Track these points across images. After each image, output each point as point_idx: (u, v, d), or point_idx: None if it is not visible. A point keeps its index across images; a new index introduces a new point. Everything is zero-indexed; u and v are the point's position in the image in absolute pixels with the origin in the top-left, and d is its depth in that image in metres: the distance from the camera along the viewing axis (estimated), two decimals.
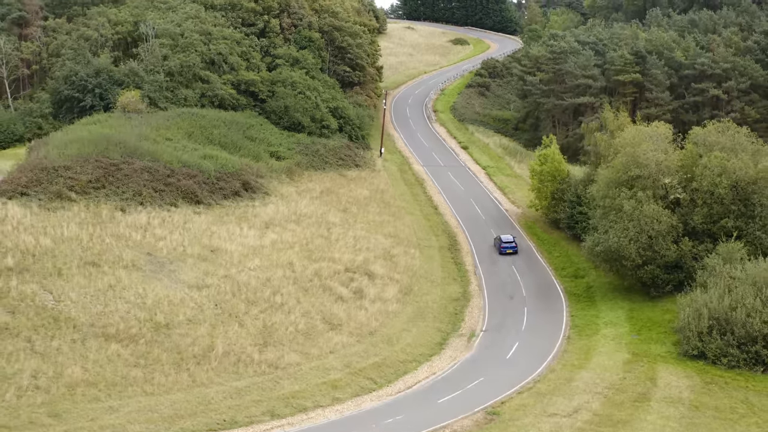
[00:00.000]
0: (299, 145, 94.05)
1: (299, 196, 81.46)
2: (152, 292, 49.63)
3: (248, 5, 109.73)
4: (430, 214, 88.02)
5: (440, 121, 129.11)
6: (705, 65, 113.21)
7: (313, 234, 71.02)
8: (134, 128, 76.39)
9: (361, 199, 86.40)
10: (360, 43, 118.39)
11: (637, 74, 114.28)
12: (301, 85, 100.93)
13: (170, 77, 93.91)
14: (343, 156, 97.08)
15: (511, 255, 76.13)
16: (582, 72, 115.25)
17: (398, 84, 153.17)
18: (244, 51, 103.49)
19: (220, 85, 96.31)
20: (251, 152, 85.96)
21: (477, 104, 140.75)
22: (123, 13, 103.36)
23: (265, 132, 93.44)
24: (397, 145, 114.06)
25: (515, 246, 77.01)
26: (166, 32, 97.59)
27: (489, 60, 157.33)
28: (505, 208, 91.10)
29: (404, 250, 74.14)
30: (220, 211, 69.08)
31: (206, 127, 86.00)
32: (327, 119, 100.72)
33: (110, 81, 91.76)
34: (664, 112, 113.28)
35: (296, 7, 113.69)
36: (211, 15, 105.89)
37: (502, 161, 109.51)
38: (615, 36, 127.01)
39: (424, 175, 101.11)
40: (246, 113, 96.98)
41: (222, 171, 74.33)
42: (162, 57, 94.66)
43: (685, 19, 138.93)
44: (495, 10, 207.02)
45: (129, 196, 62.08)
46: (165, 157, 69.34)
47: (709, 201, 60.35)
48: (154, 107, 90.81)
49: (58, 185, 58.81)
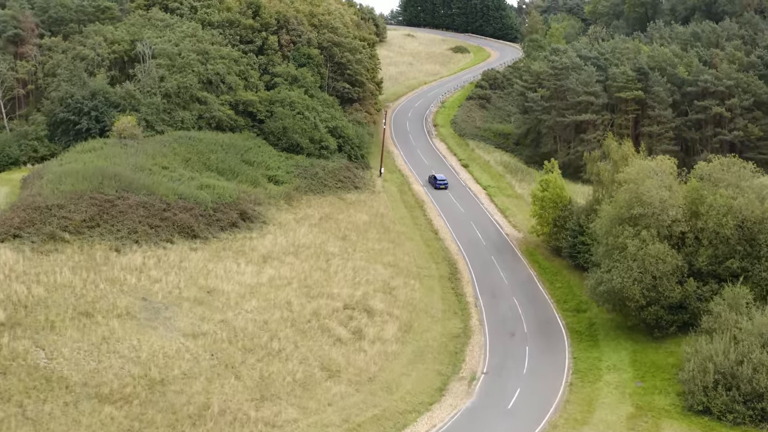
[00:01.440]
0: (298, 168, 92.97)
1: (297, 224, 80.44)
2: (147, 343, 48.63)
3: (246, 22, 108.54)
4: (430, 239, 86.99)
5: (440, 136, 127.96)
6: (708, 82, 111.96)
7: (311, 267, 70.03)
8: (130, 157, 75.31)
9: (361, 225, 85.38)
10: (359, 59, 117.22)
11: (639, 91, 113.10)
12: (299, 104, 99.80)
13: (167, 99, 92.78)
14: (342, 178, 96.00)
15: (443, 190, 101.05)
16: (584, 89, 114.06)
17: (398, 96, 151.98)
18: (242, 70, 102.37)
19: (218, 106, 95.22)
20: (249, 177, 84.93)
21: (477, 117, 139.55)
22: (119, 32, 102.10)
23: (263, 155, 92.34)
24: (396, 162, 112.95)
25: (447, 183, 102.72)
26: (163, 52, 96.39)
27: (489, 71, 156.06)
28: (506, 232, 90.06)
29: (404, 282, 73.19)
30: (217, 245, 68.05)
31: (203, 152, 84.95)
32: (326, 140, 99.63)
33: (106, 103, 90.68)
34: (666, 130, 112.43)
35: (295, 23, 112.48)
36: (209, 33, 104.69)
37: (503, 180, 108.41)
38: (617, 50, 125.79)
39: (424, 196, 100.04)
40: (244, 135, 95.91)
41: (219, 201, 73.28)
42: (159, 78, 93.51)
43: (687, 32, 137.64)
44: (495, 17, 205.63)
45: (124, 234, 61.03)
46: (161, 190, 68.25)
47: (714, 241, 59.35)
48: (150, 130, 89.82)
49: (51, 226, 57.77)
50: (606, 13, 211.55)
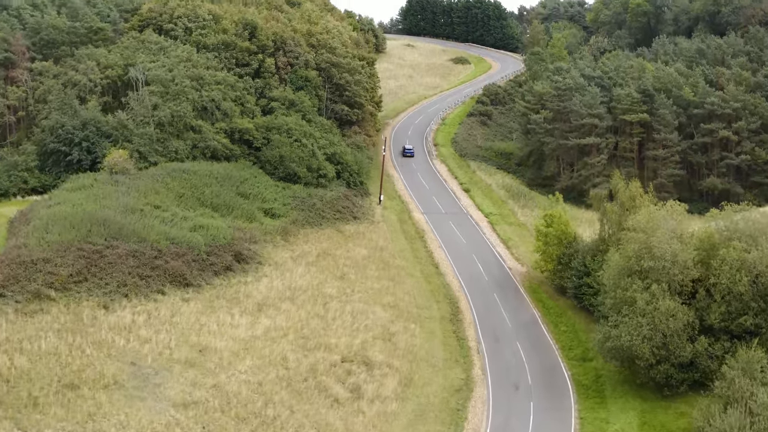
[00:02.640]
0: (295, 199, 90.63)
1: (294, 262, 78.12)
2: (135, 418, 46.32)
3: (242, 45, 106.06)
4: (431, 274, 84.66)
5: (441, 156, 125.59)
6: (715, 105, 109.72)
7: (308, 314, 67.75)
8: (121, 197, 72.98)
9: (360, 261, 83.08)
10: (358, 80, 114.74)
11: (645, 114, 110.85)
12: (297, 131, 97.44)
13: (160, 128, 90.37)
14: (340, 208, 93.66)
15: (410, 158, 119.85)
16: (588, 111, 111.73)
17: (398, 111, 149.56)
18: (238, 95, 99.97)
19: (213, 135, 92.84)
20: (244, 212, 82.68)
21: (479, 135, 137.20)
22: (113, 56, 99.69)
23: (260, 186, 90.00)
24: (396, 187, 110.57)
25: (413, 151, 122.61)
26: (157, 78, 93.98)
27: (491, 86, 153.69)
28: (509, 265, 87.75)
29: (404, 326, 70.87)
30: (211, 293, 65.74)
31: (197, 186, 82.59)
32: (324, 167, 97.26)
33: (98, 133, 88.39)
34: (672, 154, 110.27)
35: (292, 44, 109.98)
36: (204, 57, 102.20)
37: (505, 206, 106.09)
38: (621, 69, 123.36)
39: (424, 225, 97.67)
40: (240, 164, 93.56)
41: (213, 244, 70.97)
42: (152, 106, 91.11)
43: (692, 49, 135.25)
44: (496, 27, 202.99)
45: (113, 288, 58.69)
46: (152, 236, 65.90)
47: (727, 297, 57.05)
48: (143, 161, 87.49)
49: (36, 283, 55.44)
50: (608, 22, 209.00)
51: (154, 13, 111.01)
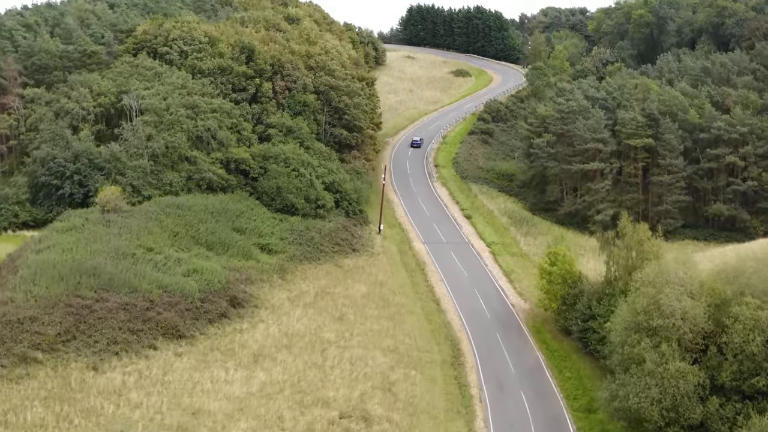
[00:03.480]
0: (292, 232, 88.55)
1: (291, 304, 76.05)
2: None
3: (239, 69, 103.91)
4: (431, 311, 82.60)
5: (442, 178, 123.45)
6: (721, 129, 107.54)
7: (305, 364, 65.63)
8: (112, 239, 70.90)
9: (359, 299, 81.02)
10: (357, 103, 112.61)
11: (650, 138, 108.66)
12: (294, 160, 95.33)
13: (154, 160, 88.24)
14: (339, 240, 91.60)
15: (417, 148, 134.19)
16: (592, 135, 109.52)
17: (398, 129, 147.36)
18: (235, 123, 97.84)
19: (208, 166, 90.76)
20: (240, 250, 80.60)
21: (480, 155, 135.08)
22: (105, 82, 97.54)
23: (256, 219, 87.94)
24: (396, 213, 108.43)
25: (419, 143, 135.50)
26: (151, 107, 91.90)
27: (492, 102, 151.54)
28: (512, 302, 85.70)
29: (404, 373, 68.74)
30: (205, 344, 63.63)
31: (192, 224, 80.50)
32: (322, 197, 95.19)
33: (90, 166, 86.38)
34: (677, 180, 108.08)
35: (290, 68, 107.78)
36: (199, 83, 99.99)
37: (507, 234, 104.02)
38: (625, 90, 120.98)
39: (425, 256, 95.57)
40: (236, 195, 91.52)
41: (207, 290, 68.86)
42: (146, 137, 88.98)
43: (697, 67, 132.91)
44: (497, 38, 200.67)
45: (103, 346, 56.58)
46: (144, 285, 63.80)
47: (739, 356, 54.95)
48: (137, 195, 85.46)
49: (23, 345, 53.34)
50: (610, 32, 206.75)
51: (149, 36, 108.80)
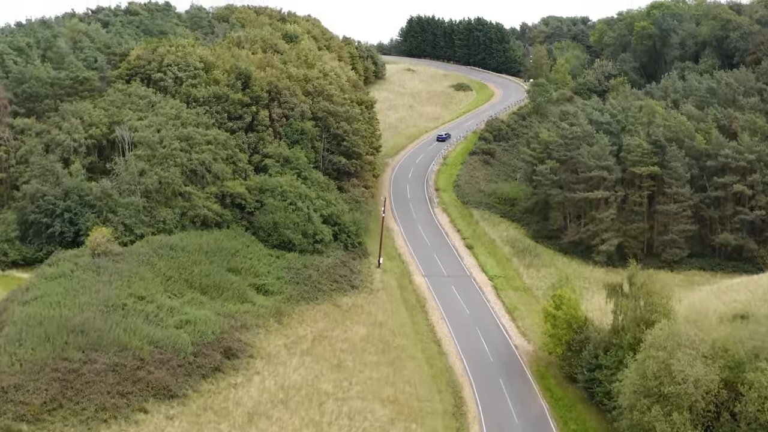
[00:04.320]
0: (289, 270, 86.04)
1: (288, 351, 73.53)
2: None
3: (235, 97, 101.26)
4: (433, 354, 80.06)
5: (443, 203, 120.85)
6: (729, 157, 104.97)
7: (302, 421, 63.10)
8: (102, 288, 68.40)
9: (357, 343, 78.52)
10: (356, 129, 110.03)
11: (656, 166, 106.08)
12: (291, 193, 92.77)
13: (147, 197, 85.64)
14: (337, 277, 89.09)
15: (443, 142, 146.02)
16: (596, 162, 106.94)
17: (398, 149, 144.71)
18: (230, 154, 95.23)
19: (203, 201, 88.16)
20: (236, 292, 78.12)
21: (481, 176, 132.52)
22: (97, 112, 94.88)
23: (252, 257, 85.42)
24: (396, 243, 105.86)
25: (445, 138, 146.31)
26: (144, 140, 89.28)
27: (493, 121, 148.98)
28: (515, 342, 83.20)
29: (404, 427, 66.26)
30: (198, 403, 61.06)
31: (185, 266, 77.95)
32: (320, 231, 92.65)
33: (81, 203, 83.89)
34: (684, 209, 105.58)
35: (287, 94, 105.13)
36: (194, 112, 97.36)
37: (510, 266, 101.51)
38: (630, 113, 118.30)
39: (426, 292, 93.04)
40: (231, 232, 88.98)
41: (200, 342, 66.32)
42: (138, 173, 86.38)
43: (702, 88, 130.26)
44: (498, 51, 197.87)
45: (90, 414, 54.04)
46: (134, 342, 61.26)
47: (753, 425, 52.50)
48: (129, 234, 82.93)
49: (6, 417, 50.77)
50: (612, 44, 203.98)
51: (143, 61, 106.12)
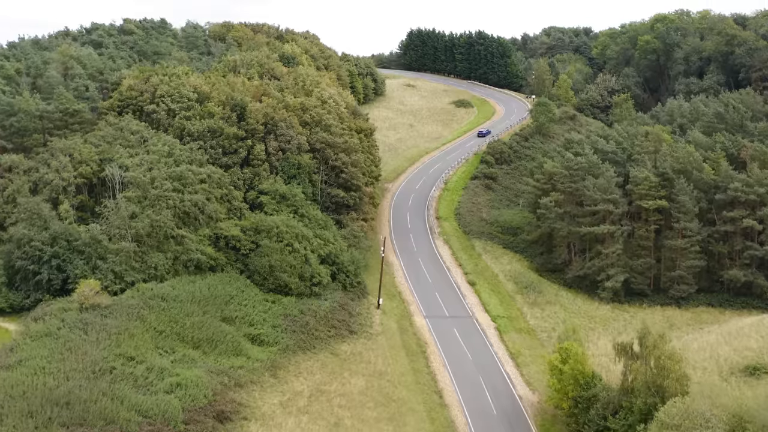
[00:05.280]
0: (286, 318, 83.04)
1: (284, 410, 70.57)
2: None
3: (230, 131, 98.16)
4: (434, 406, 77.17)
5: (444, 234, 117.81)
6: (738, 191, 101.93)
7: None
8: (90, 349, 65.36)
9: (356, 396, 75.59)
10: (355, 161, 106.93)
11: (663, 200, 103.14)
12: (288, 234, 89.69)
13: (138, 241, 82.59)
14: (336, 323, 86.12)
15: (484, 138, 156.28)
16: (602, 195, 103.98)
17: (398, 172, 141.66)
18: (225, 193, 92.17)
19: (196, 245, 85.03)
20: (230, 345, 75.15)
21: (483, 202, 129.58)
22: (87, 149, 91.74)
23: (247, 304, 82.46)
24: (396, 280, 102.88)
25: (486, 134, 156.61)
26: (135, 181, 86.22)
27: (495, 143, 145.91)
28: (519, 393, 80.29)
29: None
30: None
31: (177, 318, 74.95)
32: (318, 273, 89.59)
33: (69, 249, 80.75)
34: (692, 244, 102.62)
35: (284, 126, 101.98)
36: (187, 148, 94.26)
37: (513, 305, 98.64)
38: (636, 142, 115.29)
39: (427, 335, 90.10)
40: (225, 276, 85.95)
41: (192, 407, 63.31)
42: (129, 216, 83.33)
43: (710, 113, 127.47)
44: (500, 65, 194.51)
45: None
46: (122, 414, 58.24)
47: None
48: (119, 282, 79.94)
49: None
50: (615, 57, 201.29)
51: (135, 92, 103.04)
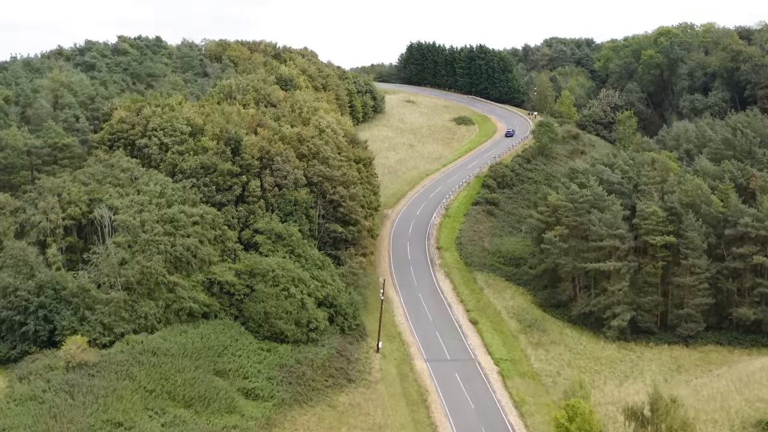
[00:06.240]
0: (281, 369, 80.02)
1: None
2: None
3: (224, 167, 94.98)
4: None
5: (445, 266, 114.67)
6: (748, 226, 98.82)
7: None
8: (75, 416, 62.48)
9: None
10: (354, 194, 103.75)
11: (671, 236, 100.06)
12: (284, 278, 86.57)
13: (128, 289, 79.49)
14: (333, 371, 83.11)
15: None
16: (608, 231, 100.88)
17: (398, 197, 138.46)
18: (218, 234, 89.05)
19: (188, 293, 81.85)
20: (222, 402, 72.12)
21: (485, 230, 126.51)
22: (76, 188, 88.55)
23: (241, 354, 79.52)
24: (396, 318, 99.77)
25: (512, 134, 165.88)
26: (125, 224, 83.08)
27: (497, 166, 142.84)
28: None
29: None
30: None
31: (168, 375, 71.94)
32: (315, 318, 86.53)
33: (56, 298, 77.72)
34: (701, 281, 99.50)
35: (280, 161, 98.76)
36: (179, 186, 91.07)
37: (517, 346, 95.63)
38: (643, 172, 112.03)
39: (428, 381, 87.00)
40: (219, 324, 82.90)
41: None
42: (119, 263, 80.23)
43: (717, 139, 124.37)
44: (501, 80, 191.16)
45: None
46: None
47: None
48: (108, 333, 76.90)
49: None
50: (617, 71, 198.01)
51: (126, 125, 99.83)
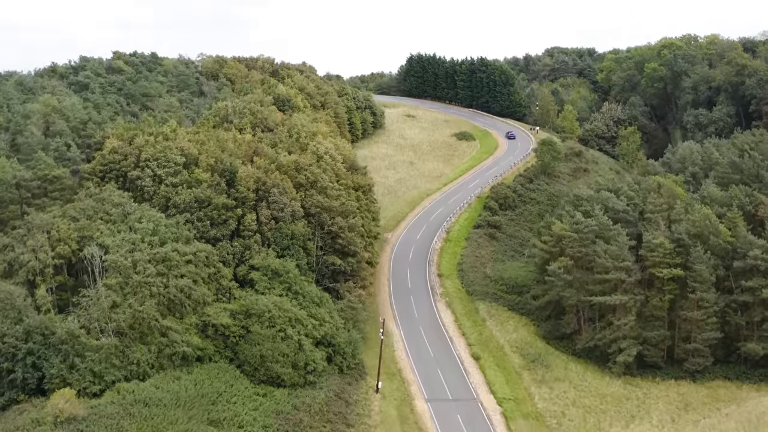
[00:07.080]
0: (278, 416, 77.31)
1: None
2: None
3: (218, 201, 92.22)
4: None
5: (446, 295, 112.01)
6: (758, 258, 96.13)
7: None
8: None
9: None
10: (353, 224, 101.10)
11: (678, 268, 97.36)
12: (280, 319, 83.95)
13: (119, 334, 76.88)
14: (331, 417, 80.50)
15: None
16: (614, 263, 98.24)
17: (398, 219, 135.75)
18: (213, 272, 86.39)
19: (182, 337, 79.23)
20: None
21: (487, 255, 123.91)
22: (66, 225, 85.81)
23: (236, 401, 76.83)
24: (396, 354, 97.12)
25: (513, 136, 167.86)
26: (116, 265, 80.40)
27: (498, 187, 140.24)
28: None
29: None
30: None
31: (160, 428, 69.32)
32: (312, 360, 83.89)
33: (44, 345, 75.15)
34: (709, 315, 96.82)
35: (277, 193, 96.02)
36: (173, 222, 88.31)
37: (520, 384, 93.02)
38: (649, 199, 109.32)
39: (428, 424, 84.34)
40: (213, 368, 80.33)
41: None
42: (109, 307, 77.60)
43: (725, 162, 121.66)
44: (502, 94, 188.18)
45: None
46: None
47: None
48: (98, 382, 74.30)
49: None
50: (620, 84, 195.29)
51: (119, 155, 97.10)
